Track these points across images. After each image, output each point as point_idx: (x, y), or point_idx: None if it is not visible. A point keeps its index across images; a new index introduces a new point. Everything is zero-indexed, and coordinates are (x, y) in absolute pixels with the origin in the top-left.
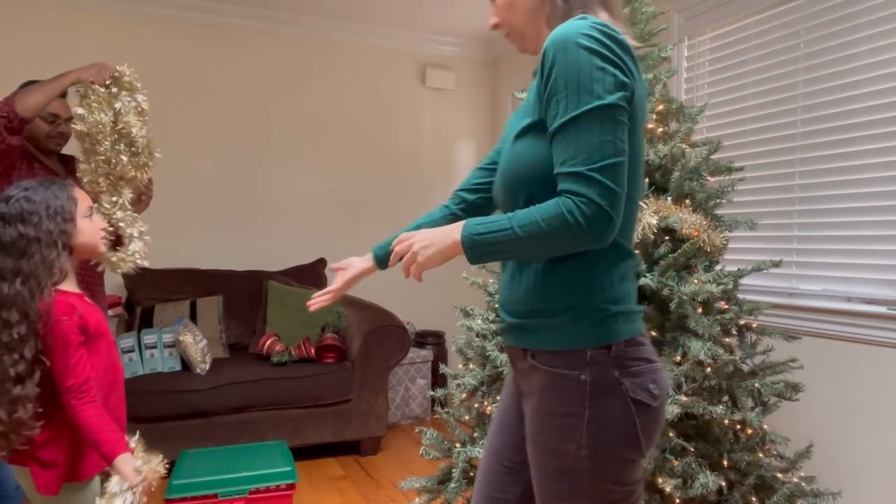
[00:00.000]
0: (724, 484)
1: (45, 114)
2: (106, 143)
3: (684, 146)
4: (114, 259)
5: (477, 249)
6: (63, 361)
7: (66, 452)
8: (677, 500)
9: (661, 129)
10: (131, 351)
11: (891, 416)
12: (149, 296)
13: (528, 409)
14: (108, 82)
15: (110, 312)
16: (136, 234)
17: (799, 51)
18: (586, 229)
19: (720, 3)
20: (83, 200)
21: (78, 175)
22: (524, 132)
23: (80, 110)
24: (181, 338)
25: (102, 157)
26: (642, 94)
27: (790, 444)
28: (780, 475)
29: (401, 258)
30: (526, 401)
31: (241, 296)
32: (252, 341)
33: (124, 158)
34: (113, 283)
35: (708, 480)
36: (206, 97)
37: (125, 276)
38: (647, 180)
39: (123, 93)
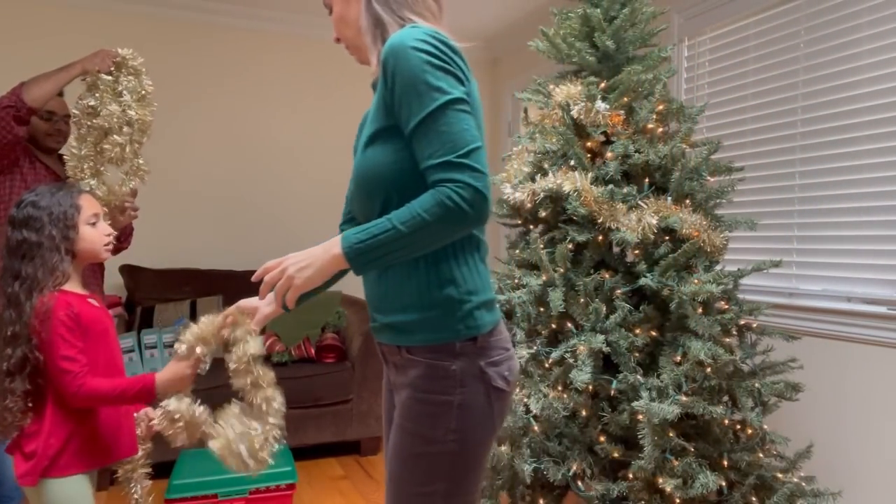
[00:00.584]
0: (724, 484)
1: (41, 111)
2: (122, 133)
3: (684, 146)
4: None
5: (362, 257)
6: (56, 353)
7: (46, 446)
8: (677, 500)
9: (661, 129)
10: (131, 351)
11: (890, 416)
12: (149, 296)
13: (399, 399)
14: (111, 68)
15: (110, 312)
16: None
17: (799, 51)
18: (468, 211)
19: (720, 3)
20: (89, 207)
21: (65, 158)
22: (371, 140)
23: (91, 102)
24: (181, 338)
25: (100, 144)
26: (476, 95)
27: (790, 444)
28: (780, 475)
29: (273, 287)
30: (398, 392)
31: (241, 296)
32: None
33: (128, 148)
34: (113, 283)
35: (708, 480)
36: (205, 97)
37: (125, 276)
38: (647, 180)
39: (130, 77)
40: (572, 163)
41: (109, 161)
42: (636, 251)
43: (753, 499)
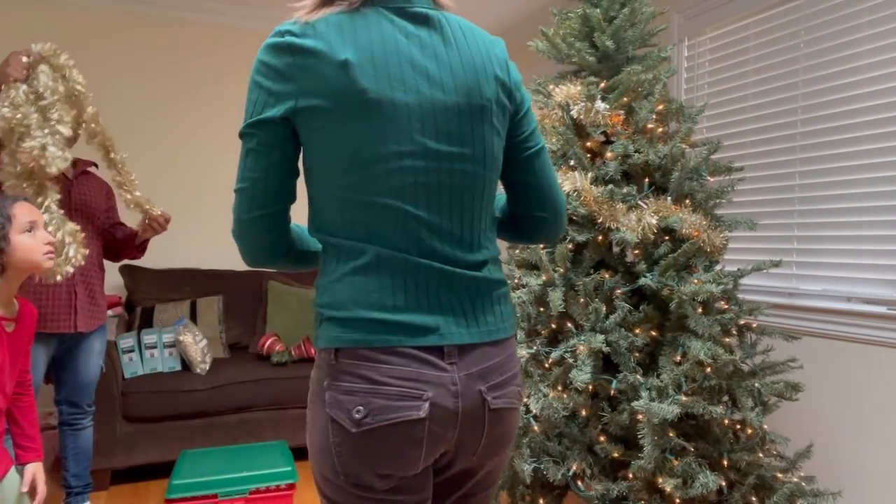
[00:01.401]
0: (724, 484)
1: None
2: (37, 134)
3: (684, 146)
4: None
5: None
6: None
7: None
8: (677, 500)
9: (660, 129)
10: (131, 351)
11: (891, 416)
12: (149, 296)
13: None
14: (25, 72)
15: (110, 312)
16: (68, 238)
17: (799, 51)
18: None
19: (720, 3)
20: (24, 215)
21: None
22: None
23: (5, 111)
24: (181, 338)
25: (27, 153)
26: (334, 76)
27: (790, 444)
28: (780, 475)
29: None
30: None
31: (241, 296)
32: (252, 341)
33: (53, 149)
34: (113, 284)
35: (708, 480)
36: (205, 97)
37: (125, 275)
38: (647, 180)
39: (54, 75)
40: (572, 163)
41: (35, 162)
42: (636, 251)
43: (753, 499)
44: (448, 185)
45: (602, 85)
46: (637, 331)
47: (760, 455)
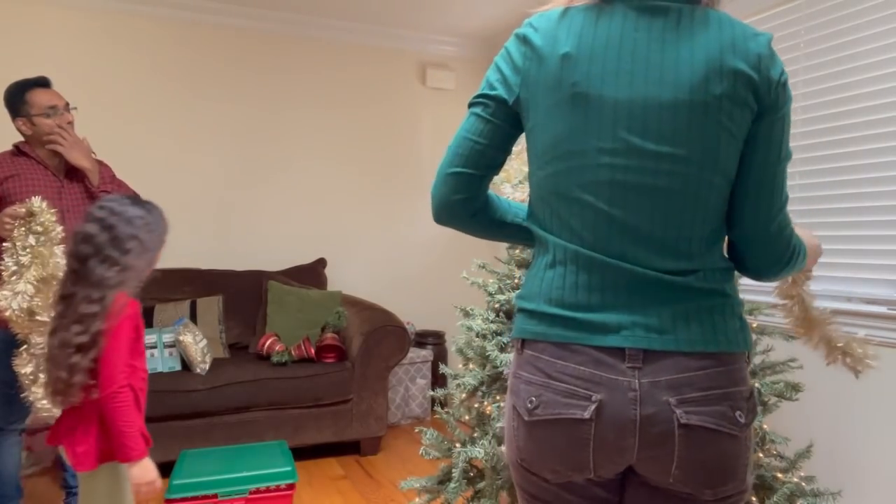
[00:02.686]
0: None
1: (43, 112)
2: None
3: None
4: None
5: None
6: (111, 352)
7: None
8: None
9: None
10: None
11: (890, 416)
12: (149, 296)
13: None
14: (11, 233)
15: None
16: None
17: (799, 51)
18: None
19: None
20: None
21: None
22: None
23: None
24: (181, 338)
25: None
26: (552, 70)
27: (790, 444)
28: (780, 475)
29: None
30: None
31: (241, 296)
32: (252, 341)
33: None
34: None
35: None
36: (205, 97)
37: None
38: None
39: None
40: None
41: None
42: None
43: (753, 499)
44: (651, 185)
45: None
46: None
47: (760, 455)
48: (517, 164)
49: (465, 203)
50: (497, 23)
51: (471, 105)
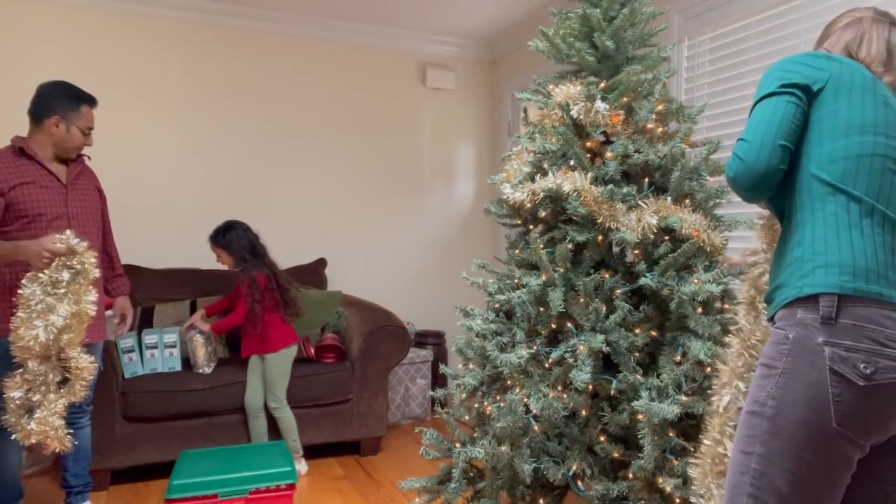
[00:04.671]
0: None
1: (84, 128)
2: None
3: (684, 146)
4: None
5: None
6: None
7: None
8: (677, 500)
9: (660, 129)
10: (131, 351)
11: None
12: (149, 296)
13: None
14: (46, 266)
15: (109, 312)
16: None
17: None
18: (729, 176)
19: (720, 3)
20: None
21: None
22: None
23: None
24: (194, 335)
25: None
26: (841, 74)
27: None
28: None
29: None
30: None
31: None
32: None
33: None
34: None
35: None
36: (205, 97)
37: (125, 276)
38: (647, 180)
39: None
40: (572, 163)
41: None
42: (636, 251)
43: None
44: None
45: (602, 85)
46: (637, 331)
47: None
48: (517, 164)
49: (782, 173)
50: (497, 23)
51: (771, 95)
